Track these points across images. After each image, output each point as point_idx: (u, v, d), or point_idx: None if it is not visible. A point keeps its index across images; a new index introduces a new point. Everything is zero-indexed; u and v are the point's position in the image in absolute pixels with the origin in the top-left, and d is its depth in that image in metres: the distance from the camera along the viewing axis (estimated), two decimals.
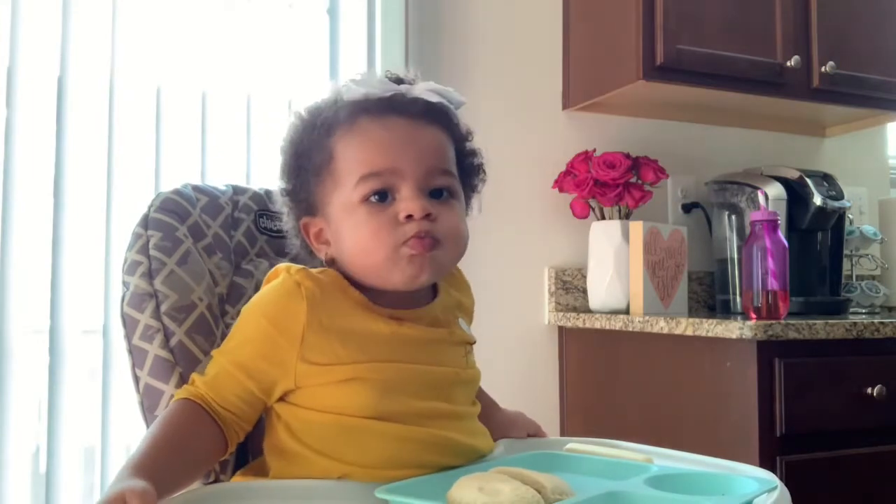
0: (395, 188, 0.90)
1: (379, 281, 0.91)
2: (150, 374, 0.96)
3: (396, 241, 0.88)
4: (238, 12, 1.84)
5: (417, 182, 0.90)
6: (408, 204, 0.88)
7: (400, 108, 0.91)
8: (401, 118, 0.91)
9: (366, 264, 0.90)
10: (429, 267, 0.90)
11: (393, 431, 0.86)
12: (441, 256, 0.91)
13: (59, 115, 1.67)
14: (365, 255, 0.90)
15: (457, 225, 0.93)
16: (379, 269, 0.90)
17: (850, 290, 2.22)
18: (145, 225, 1.01)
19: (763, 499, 0.77)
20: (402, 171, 0.89)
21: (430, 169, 0.91)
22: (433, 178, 0.91)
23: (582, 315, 1.97)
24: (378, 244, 0.88)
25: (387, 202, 0.89)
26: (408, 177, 0.89)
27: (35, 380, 1.62)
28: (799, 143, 2.45)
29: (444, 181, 0.93)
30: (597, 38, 2.05)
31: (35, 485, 1.63)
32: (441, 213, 0.90)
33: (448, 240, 0.91)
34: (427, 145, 0.92)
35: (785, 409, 1.50)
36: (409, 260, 0.88)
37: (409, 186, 0.89)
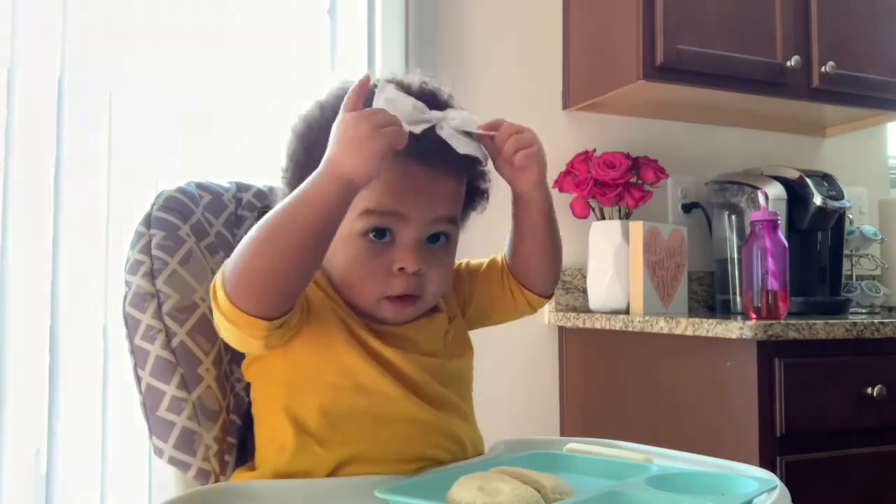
0: (396, 231, 0.90)
1: (363, 309, 0.93)
2: (152, 375, 0.96)
3: (381, 291, 0.90)
4: (238, 12, 1.84)
5: (419, 230, 0.90)
6: (403, 256, 0.89)
7: (422, 153, 0.87)
8: (419, 166, 0.89)
9: (350, 293, 0.92)
10: (407, 314, 0.93)
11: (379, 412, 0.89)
12: (422, 305, 0.94)
13: (59, 115, 1.67)
14: (351, 289, 0.92)
15: (443, 279, 0.95)
16: (360, 304, 0.92)
17: (850, 290, 2.22)
18: (148, 223, 1.01)
19: (763, 498, 0.77)
20: (407, 217, 0.89)
21: (436, 219, 0.92)
22: (435, 225, 0.92)
23: (582, 315, 1.97)
24: (364, 286, 0.91)
25: (384, 241, 0.90)
26: (412, 224, 0.90)
27: (35, 380, 1.62)
28: (799, 143, 2.45)
29: (445, 228, 0.94)
30: (597, 38, 2.05)
31: (35, 485, 1.63)
32: (432, 266, 0.92)
33: (430, 294, 0.94)
34: (439, 196, 0.92)
35: (785, 409, 1.50)
36: (387, 309, 0.91)
37: (410, 233, 0.90)
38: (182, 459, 0.96)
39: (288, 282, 0.80)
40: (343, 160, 0.78)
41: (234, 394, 1.03)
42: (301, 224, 0.78)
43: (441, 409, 0.94)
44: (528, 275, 1.05)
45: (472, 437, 0.98)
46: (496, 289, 1.06)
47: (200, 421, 0.97)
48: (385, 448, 0.89)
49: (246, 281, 0.79)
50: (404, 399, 0.90)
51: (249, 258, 0.79)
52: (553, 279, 1.07)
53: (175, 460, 0.96)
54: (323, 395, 0.89)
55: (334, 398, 0.89)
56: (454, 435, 0.94)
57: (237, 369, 1.04)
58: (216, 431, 0.98)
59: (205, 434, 0.97)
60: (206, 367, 0.98)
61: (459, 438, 0.95)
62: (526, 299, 1.07)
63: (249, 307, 0.80)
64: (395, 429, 0.90)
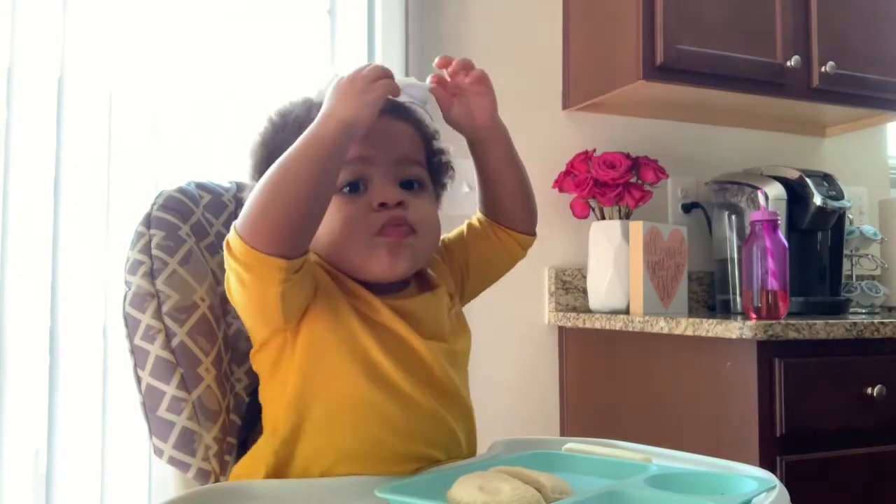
0: (367, 178, 0.92)
1: (357, 271, 0.92)
2: (152, 375, 0.96)
3: (370, 229, 0.90)
4: (238, 12, 1.84)
5: (388, 171, 0.92)
6: (380, 191, 0.91)
7: None
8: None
9: (341, 255, 0.92)
10: (406, 255, 0.91)
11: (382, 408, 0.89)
12: (416, 244, 0.92)
13: (59, 115, 1.67)
14: (339, 246, 0.91)
15: (430, 213, 0.95)
16: (355, 258, 0.91)
17: (850, 290, 2.22)
18: (147, 224, 1.01)
19: (762, 498, 0.77)
20: (373, 159, 0.91)
21: (402, 158, 0.93)
22: (405, 168, 0.94)
23: (582, 315, 1.97)
24: (351, 234, 0.90)
25: (359, 192, 0.91)
26: (379, 165, 0.92)
27: (35, 380, 1.62)
28: (799, 143, 2.44)
29: (416, 172, 0.95)
30: (597, 38, 2.05)
31: (35, 485, 1.63)
32: (413, 203, 0.92)
33: (422, 228, 0.93)
34: (397, 135, 0.95)
35: (785, 409, 1.50)
36: (387, 248, 0.90)
37: (381, 175, 0.92)
38: (182, 459, 0.96)
39: (300, 215, 0.82)
40: (340, 108, 0.84)
41: (234, 394, 1.03)
42: (308, 161, 0.82)
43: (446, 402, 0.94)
44: (508, 214, 1.05)
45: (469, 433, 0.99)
46: (485, 243, 1.06)
47: (200, 421, 0.97)
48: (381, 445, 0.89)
49: (262, 219, 0.81)
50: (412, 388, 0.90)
51: (263, 199, 0.82)
52: (532, 212, 1.07)
53: (175, 460, 0.96)
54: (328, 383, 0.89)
55: (348, 385, 0.88)
56: (453, 431, 0.94)
57: (237, 369, 1.04)
58: (216, 431, 0.98)
59: (205, 434, 0.97)
60: (206, 367, 0.98)
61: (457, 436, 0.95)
62: (515, 241, 1.06)
63: (266, 245, 0.81)
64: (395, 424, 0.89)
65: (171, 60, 1.76)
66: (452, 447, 0.94)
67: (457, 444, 0.95)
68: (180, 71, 1.77)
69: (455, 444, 0.95)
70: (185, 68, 1.77)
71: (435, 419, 0.92)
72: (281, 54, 1.87)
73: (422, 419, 0.91)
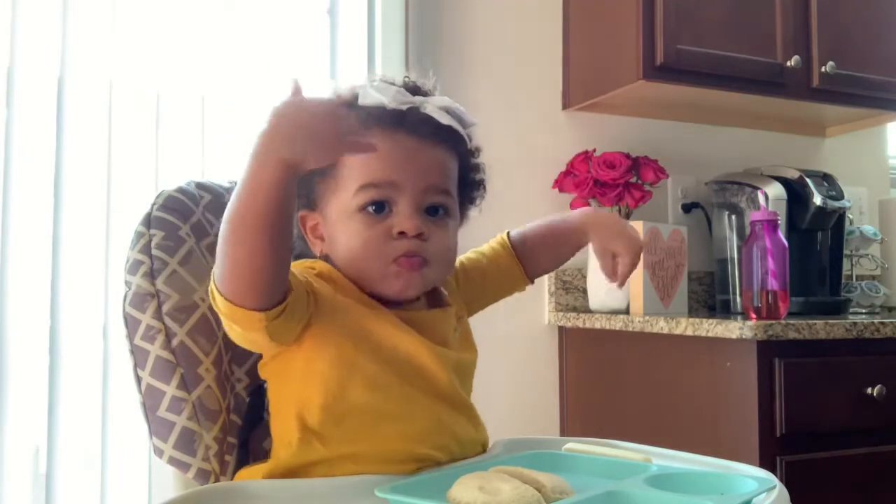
0: (393, 202, 0.92)
1: (368, 287, 0.93)
2: (152, 375, 0.96)
3: (387, 256, 0.91)
4: (238, 13, 1.84)
5: (415, 198, 0.92)
6: (402, 220, 0.91)
7: (410, 125, 0.92)
8: (408, 136, 0.92)
9: (356, 272, 0.93)
10: (416, 284, 0.93)
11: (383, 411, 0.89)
12: (429, 274, 0.93)
13: (59, 115, 1.67)
14: (356, 264, 0.93)
15: (447, 246, 0.96)
16: (368, 279, 0.93)
17: (850, 290, 2.22)
18: (147, 224, 1.01)
19: (762, 498, 0.77)
20: (402, 185, 0.91)
21: (430, 187, 0.93)
22: (431, 196, 0.94)
23: (582, 315, 1.97)
24: (369, 256, 0.91)
25: (383, 214, 0.92)
26: (406, 192, 0.91)
27: (35, 380, 1.62)
28: (799, 143, 2.45)
29: (442, 199, 0.95)
30: (597, 38, 2.05)
31: (35, 485, 1.63)
32: (433, 233, 0.93)
33: (437, 260, 0.94)
34: (430, 164, 0.94)
35: (785, 409, 1.50)
36: (396, 275, 0.91)
37: (406, 202, 0.91)
38: (182, 459, 0.96)
39: (263, 269, 0.79)
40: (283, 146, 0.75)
41: (234, 394, 1.03)
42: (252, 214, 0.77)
43: (453, 407, 0.94)
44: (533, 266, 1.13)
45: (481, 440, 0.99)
46: (496, 270, 1.12)
47: (200, 421, 0.97)
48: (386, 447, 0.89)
49: (228, 273, 0.80)
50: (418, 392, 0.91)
51: (224, 251, 0.79)
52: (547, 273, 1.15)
53: (175, 460, 0.96)
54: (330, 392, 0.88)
55: (342, 396, 0.88)
56: (458, 436, 0.94)
57: (237, 369, 1.04)
58: (216, 431, 0.98)
59: (205, 434, 0.97)
60: (206, 367, 0.98)
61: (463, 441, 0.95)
62: (522, 279, 1.14)
63: (241, 300, 0.80)
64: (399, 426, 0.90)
65: (172, 60, 1.76)
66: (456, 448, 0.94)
67: (463, 446, 0.95)
68: (180, 71, 1.76)
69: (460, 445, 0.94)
70: (185, 68, 1.77)
71: (438, 425, 0.92)
72: (281, 54, 1.87)
73: (423, 424, 0.91)
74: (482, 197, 1.05)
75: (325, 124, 0.75)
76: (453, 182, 0.98)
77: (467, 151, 1.00)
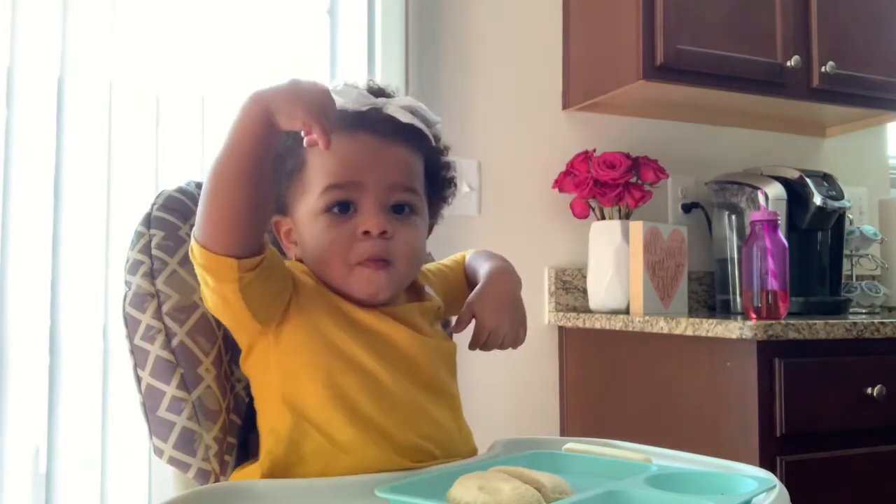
0: (357, 202, 0.93)
1: (339, 288, 0.94)
2: (152, 375, 0.96)
3: (351, 257, 0.92)
4: (238, 12, 1.84)
5: (378, 197, 0.93)
6: (366, 219, 0.92)
7: (370, 125, 0.94)
8: (370, 135, 0.94)
9: (324, 272, 0.94)
10: (384, 284, 0.93)
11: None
12: (394, 274, 0.94)
13: (59, 115, 1.67)
14: (322, 264, 0.94)
15: (412, 244, 0.96)
16: (335, 280, 0.94)
17: (850, 290, 2.22)
18: (147, 224, 1.01)
19: (762, 498, 0.77)
20: (365, 185, 0.93)
21: (393, 185, 0.94)
22: (395, 194, 0.95)
23: (582, 315, 1.97)
24: (333, 257, 0.93)
25: (348, 214, 0.93)
26: (369, 191, 0.93)
27: (35, 380, 1.62)
28: (799, 143, 2.45)
29: (406, 197, 0.96)
30: (597, 38, 2.05)
31: (35, 485, 1.63)
32: (398, 231, 0.94)
33: (401, 259, 0.94)
34: (392, 162, 0.95)
35: (785, 409, 1.50)
36: (365, 279, 0.92)
37: (370, 201, 0.93)
38: (182, 459, 0.96)
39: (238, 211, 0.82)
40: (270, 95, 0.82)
41: (234, 394, 1.03)
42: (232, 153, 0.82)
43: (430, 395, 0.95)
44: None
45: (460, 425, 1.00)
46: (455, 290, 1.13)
47: (200, 421, 0.97)
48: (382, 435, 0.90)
49: (206, 220, 0.83)
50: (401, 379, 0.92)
51: (203, 199, 0.83)
52: None
53: (175, 460, 0.96)
54: (318, 379, 0.90)
55: (330, 382, 0.90)
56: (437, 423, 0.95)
57: (237, 369, 1.04)
58: (216, 431, 0.98)
59: (205, 434, 0.97)
60: (206, 367, 0.98)
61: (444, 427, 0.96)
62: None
63: (216, 246, 0.83)
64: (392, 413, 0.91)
65: (172, 60, 1.76)
66: (441, 437, 0.95)
67: (447, 435, 0.96)
68: (180, 71, 1.76)
69: (444, 434, 0.95)
70: (185, 68, 1.77)
71: (419, 411, 0.93)
72: (281, 54, 1.87)
73: (405, 411, 0.92)
74: (454, 195, 1.07)
75: (314, 95, 0.80)
76: (419, 180, 0.99)
77: (433, 150, 1.02)
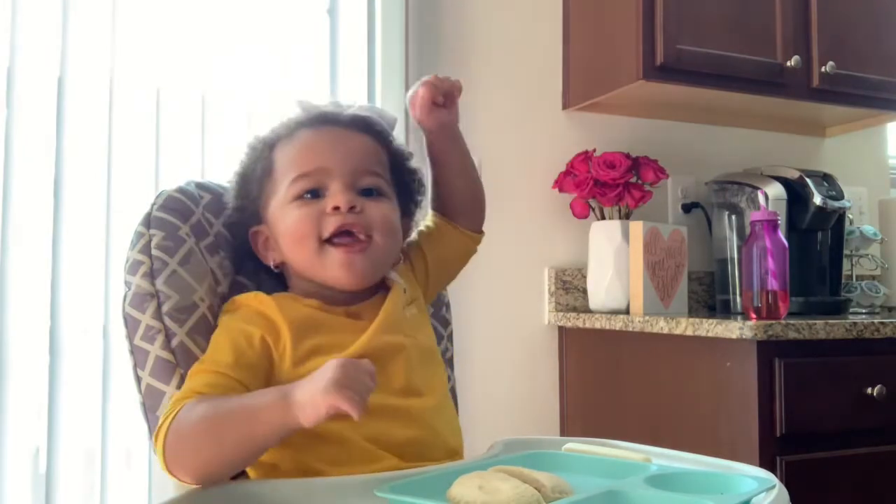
0: (325, 187, 0.96)
1: (315, 276, 0.96)
2: (152, 375, 0.96)
3: (322, 232, 0.94)
4: (238, 12, 1.84)
5: (345, 179, 0.96)
6: (334, 196, 0.94)
7: (332, 118, 1.01)
8: (333, 127, 0.99)
9: (300, 258, 0.96)
10: (363, 266, 0.94)
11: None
12: (372, 253, 0.95)
13: (59, 115, 1.67)
14: (296, 248, 0.96)
15: (387, 216, 0.98)
16: (311, 263, 0.95)
17: (850, 290, 2.22)
18: (147, 224, 1.01)
19: (762, 498, 0.77)
20: (331, 169, 0.96)
21: (358, 168, 0.97)
22: (361, 178, 0.97)
23: (582, 315, 1.97)
24: (305, 234, 0.94)
25: (317, 199, 0.96)
26: (335, 175, 0.95)
27: (35, 380, 1.62)
28: (799, 143, 2.44)
29: (373, 181, 0.98)
30: (597, 38, 2.05)
31: (35, 485, 1.63)
32: (368, 206, 0.96)
33: (378, 229, 0.96)
34: (356, 148, 0.99)
35: (785, 409, 1.50)
36: (339, 261, 0.93)
37: (338, 184, 0.95)
38: None
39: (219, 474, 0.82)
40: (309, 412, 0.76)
41: None
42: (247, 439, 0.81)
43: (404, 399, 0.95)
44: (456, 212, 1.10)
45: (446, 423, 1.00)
46: (440, 243, 1.11)
47: None
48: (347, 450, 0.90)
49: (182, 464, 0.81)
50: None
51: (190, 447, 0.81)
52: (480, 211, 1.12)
53: None
54: None
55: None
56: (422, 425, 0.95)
57: None
58: None
59: None
60: None
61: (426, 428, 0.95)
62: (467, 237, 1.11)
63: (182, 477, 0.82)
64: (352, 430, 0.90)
65: (172, 60, 1.76)
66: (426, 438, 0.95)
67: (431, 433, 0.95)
68: (181, 70, 1.76)
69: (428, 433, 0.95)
70: (185, 68, 1.77)
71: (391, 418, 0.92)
72: (281, 54, 1.87)
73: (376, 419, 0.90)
74: (421, 189, 1.08)
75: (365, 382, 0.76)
76: (384, 167, 1.01)
77: (397, 150, 1.05)
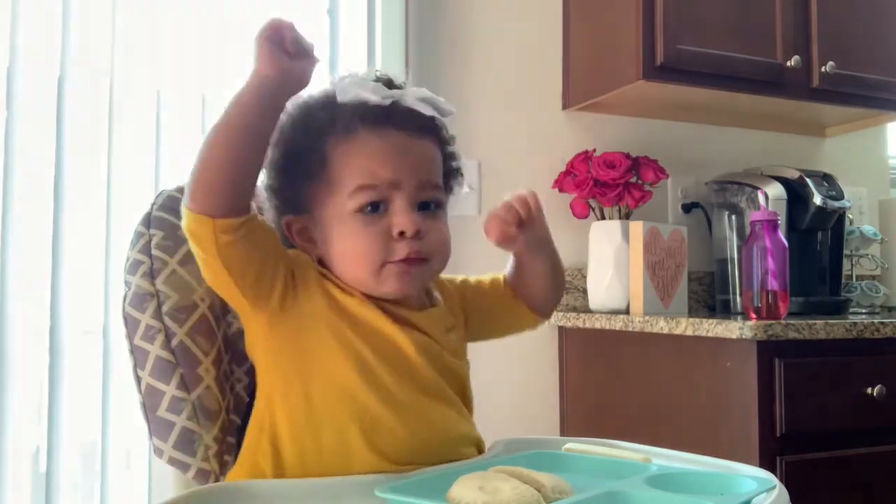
0: (389, 200, 0.91)
1: (365, 289, 0.93)
2: (152, 375, 0.96)
3: (385, 257, 0.91)
4: (238, 12, 1.83)
5: (410, 195, 0.92)
6: (400, 219, 0.91)
7: (397, 120, 0.92)
8: (397, 132, 0.92)
9: (352, 274, 0.93)
10: (415, 282, 0.93)
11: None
12: (427, 271, 0.94)
13: (59, 115, 1.67)
14: (351, 266, 0.92)
15: (444, 238, 0.96)
16: (365, 281, 0.92)
17: (850, 290, 2.22)
18: (147, 224, 1.01)
19: (762, 498, 0.77)
20: (399, 183, 0.91)
21: (423, 183, 0.93)
22: (424, 192, 0.94)
23: (582, 315, 1.97)
24: (366, 259, 0.91)
25: (378, 213, 0.91)
26: (403, 189, 0.91)
27: (35, 380, 1.62)
28: (799, 143, 2.45)
29: (434, 194, 0.95)
30: (597, 38, 2.05)
31: (35, 485, 1.63)
32: (430, 228, 0.93)
33: (436, 255, 0.94)
34: (421, 159, 0.94)
35: (785, 409, 1.50)
36: (395, 275, 0.91)
37: (402, 200, 0.91)
38: (182, 460, 0.96)
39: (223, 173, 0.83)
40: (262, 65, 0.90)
41: (234, 394, 1.03)
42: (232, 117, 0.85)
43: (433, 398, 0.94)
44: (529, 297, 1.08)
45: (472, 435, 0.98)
46: (498, 304, 1.08)
47: (200, 421, 0.97)
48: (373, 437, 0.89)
49: (193, 181, 0.84)
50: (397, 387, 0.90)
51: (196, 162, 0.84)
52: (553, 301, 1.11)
53: (175, 460, 0.96)
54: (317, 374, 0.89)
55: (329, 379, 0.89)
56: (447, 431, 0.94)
57: (237, 369, 1.04)
58: (216, 432, 0.98)
59: (204, 434, 0.97)
60: (205, 368, 0.98)
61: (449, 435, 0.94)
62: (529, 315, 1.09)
63: (196, 205, 0.83)
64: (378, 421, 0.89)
65: (172, 60, 1.76)
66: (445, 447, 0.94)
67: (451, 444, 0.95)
68: (181, 70, 1.76)
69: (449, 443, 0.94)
70: (185, 68, 1.77)
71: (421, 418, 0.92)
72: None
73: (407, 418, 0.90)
74: (460, 184, 1.05)
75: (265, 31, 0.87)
76: (441, 175, 0.98)
77: (446, 140, 1.01)
